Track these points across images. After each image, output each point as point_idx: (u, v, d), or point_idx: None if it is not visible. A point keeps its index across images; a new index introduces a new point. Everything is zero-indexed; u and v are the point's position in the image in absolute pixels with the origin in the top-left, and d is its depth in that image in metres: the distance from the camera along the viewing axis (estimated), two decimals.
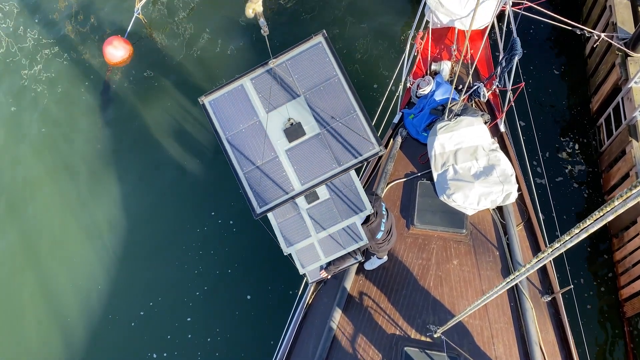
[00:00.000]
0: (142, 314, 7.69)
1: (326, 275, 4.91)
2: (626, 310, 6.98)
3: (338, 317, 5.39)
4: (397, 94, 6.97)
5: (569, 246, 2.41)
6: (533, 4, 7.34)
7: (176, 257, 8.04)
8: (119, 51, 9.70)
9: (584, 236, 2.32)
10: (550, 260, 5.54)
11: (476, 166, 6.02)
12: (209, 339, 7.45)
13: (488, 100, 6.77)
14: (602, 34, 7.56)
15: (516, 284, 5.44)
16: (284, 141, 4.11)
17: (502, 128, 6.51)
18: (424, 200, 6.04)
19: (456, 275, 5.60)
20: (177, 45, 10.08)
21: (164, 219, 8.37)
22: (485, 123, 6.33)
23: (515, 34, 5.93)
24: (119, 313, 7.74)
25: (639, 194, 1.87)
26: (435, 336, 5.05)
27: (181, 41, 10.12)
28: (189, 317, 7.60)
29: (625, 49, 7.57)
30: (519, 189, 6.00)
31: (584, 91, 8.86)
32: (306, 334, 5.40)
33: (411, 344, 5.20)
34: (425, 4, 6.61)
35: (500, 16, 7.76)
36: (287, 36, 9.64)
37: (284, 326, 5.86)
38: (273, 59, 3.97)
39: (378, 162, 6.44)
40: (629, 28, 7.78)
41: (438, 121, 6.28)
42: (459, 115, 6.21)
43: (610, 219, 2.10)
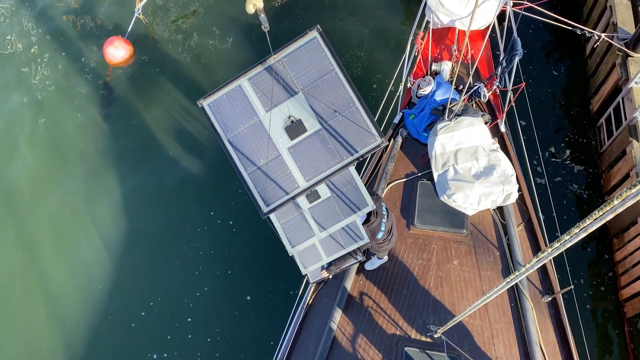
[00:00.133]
0: (143, 314, 7.69)
1: (327, 275, 4.91)
2: (626, 311, 6.97)
3: (338, 317, 5.39)
4: (397, 94, 6.97)
5: (568, 245, 2.41)
6: (533, 4, 7.34)
7: (176, 258, 8.04)
8: (119, 51, 9.72)
9: (584, 235, 2.32)
10: (550, 260, 5.59)
11: (477, 166, 6.02)
12: (209, 339, 7.45)
13: (488, 101, 6.77)
14: (603, 34, 7.56)
15: (516, 284, 5.44)
16: (285, 139, 4.11)
17: (502, 128, 6.51)
18: (424, 200, 6.04)
19: (456, 276, 5.60)
20: (178, 45, 10.09)
21: (164, 219, 8.37)
22: (486, 123, 6.33)
23: (515, 34, 5.93)
24: (119, 313, 7.75)
25: (638, 193, 1.87)
26: (436, 336, 5.05)
27: (181, 41, 10.13)
28: (189, 318, 7.61)
29: (625, 49, 7.57)
30: (519, 189, 6.00)
31: (584, 91, 8.86)
32: (306, 334, 5.40)
33: (411, 344, 5.20)
34: (425, 4, 6.62)
35: (501, 16, 7.77)
36: (286, 34, 9.63)
37: (283, 326, 5.86)
38: (274, 54, 3.96)
39: (378, 162, 6.44)
40: (629, 28, 7.78)
41: (438, 121, 6.28)
42: (459, 115, 6.21)
43: (609, 218, 2.10)
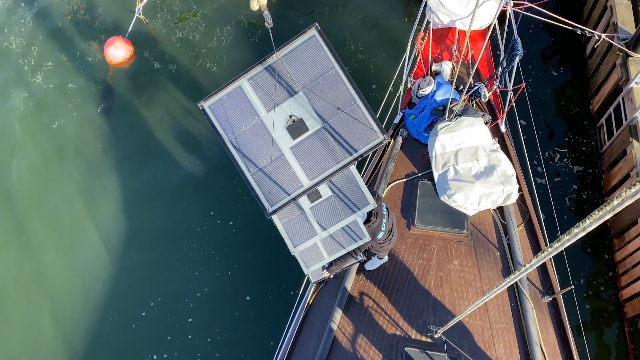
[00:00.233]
0: (143, 314, 7.69)
1: (328, 275, 4.92)
2: (627, 311, 6.97)
3: (338, 318, 5.39)
4: (397, 94, 6.97)
5: (567, 245, 2.41)
6: (534, 4, 7.33)
7: (176, 258, 8.04)
8: (120, 51, 9.73)
9: (583, 235, 2.32)
10: (551, 260, 5.59)
11: (477, 166, 6.02)
12: (209, 339, 7.45)
13: (489, 101, 6.77)
14: (603, 35, 7.56)
15: (517, 285, 5.44)
16: (287, 138, 4.10)
17: (502, 128, 6.50)
18: (424, 200, 6.04)
19: (457, 276, 5.60)
20: (178, 45, 10.09)
21: (164, 219, 8.37)
22: (486, 123, 6.33)
23: (516, 34, 5.93)
24: (119, 314, 7.74)
25: (637, 192, 1.87)
26: (436, 336, 5.05)
27: (182, 41, 10.14)
28: (189, 318, 7.60)
29: (626, 50, 7.56)
30: (519, 190, 6.00)
31: (585, 92, 8.86)
32: (307, 334, 5.40)
33: (412, 344, 5.20)
34: (426, 4, 6.62)
35: (501, 17, 7.76)
36: (286, 34, 9.63)
37: (284, 327, 5.86)
38: (276, 52, 3.95)
39: (379, 163, 6.44)
40: (629, 28, 7.77)
41: (439, 121, 6.28)
42: (459, 115, 6.21)
43: (608, 217, 2.10)
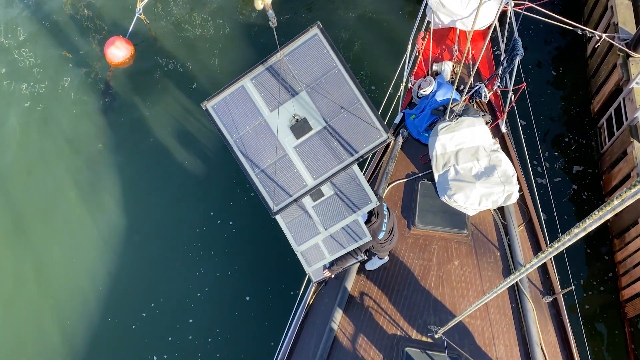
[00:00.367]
0: (144, 315, 7.69)
1: (329, 274, 4.92)
2: (627, 311, 6.97)
3: (339, 318, 5.39)
4: (398, 94, 6.97)
5: (568, 245, 2.41)
6: (534, 4, 7.33)
7: (177, 258, 8.04)
8: (120, 51, 9.73)
9: (583, 235, 2.32)
10: (551, 261, 5.58)
11: (477, 167, 6.02)
12: (209, 339, 7.44)
13: (489, 101, 6.77)
14: (604, 35, 7.56)
15: (517, 285, 5.43)
16: (291, 138, 4.11)
17: (503, 129, 6.50)
18: (425, 200, 6.04)
19: (457, 276, 5.60)
20: (179, 45, 10.09)
21: (164, 219, 8.37)
22: (487, 124, 6.33)
23: (516, 34, 5.93)
24: (119, 315, 7.73)
25: (637, 192, 1.87)
26: (436, 337, 5.05)
27: (183, 40, 10.14)
28: (190, 319, 7.60)
29: (626, 50, 7.56)
30: (520, 190, 6.00)
31: (585, 92, 8.85)
32: (307, 334, 5.40)
33: (412, 344, 5.20)
34: (426, 4, 6.62)
35: (502, 17, 7.76)
36: (286, 33, 9.65)
37: (284, 327, 5.85)
38: (280, 50, 3.94)
39: (379, 163, 6.44)
40: (630, 28, 7.77)
41: (439, 122, 6.28)
42: (460, 115, 6.21)
43: (608, 217, 2.10)
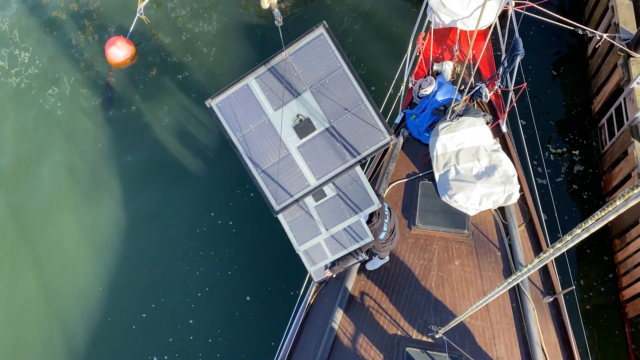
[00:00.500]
0: (144, 315, 7.68)
1: (331, 274, 4.91)
2: (628, 311, 6.96)
3: (339, 318, 5.38)
4: (399, 94, 6.97)
5: (570, 246, 2.41)
6: (535, 4, 7.33)
7: (177, 258, 8.04)
8: (121, 51, 9.72)
9: (585, 236, 2.32)
10: (552, 261, 5.58)
11: (478, 167, 6.01)
12: (210, 340, 7.44)
13: (490, 101, 6.77)
14: (604, 35, 7.55)
15: (518, 285, 5.43)
16: (294, 138, 4.10)
17: (504, 128, 6.50)
18: (425, 200, 6.03)
19: (458, 276, 5.59)
20: (180, 45, 10.09)
21: (164, 219, 8.37)
22: (487, 124, 6.32)
23: (517, 34, 5.92)
24: (119, 315, 7.72)
25: None
26: (437, 337, 5.04)
27: (184, 41, 10.13)
28: (190, 319, 7.59)
29: (627, 50, 7.56)
30: (520, 190, 6.00)
31: (586, 92, 8.85)
32: (308, 334, 5.40)
33: (412, 344, 5.20)
34: (427, 4, 6.62)
35: (502, 16, 7.76)
36: (286, 33, 9.65)
37: (284, 327, 5.85)
38: (285, 49, 3.93)
39: (380, 163, 6.44)
40: (631, 28, 7.77)
41: (440, 122, 6.28)
42: (460, 115, 6.21)
43: (611, 218, 2.10)
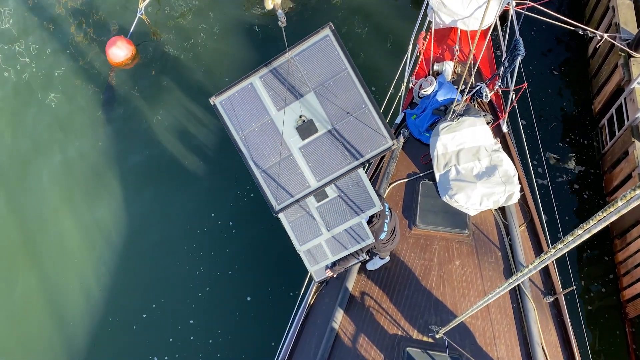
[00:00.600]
0: (145, 316, 7.68)
1: (331, 274, 4.91)
2: (628, 312, 6.96)
3: (340, 318, 5.38)
4: (399, 94, 6.97)
5: (571, 247, 2.40)
6: (536, 4, 7.33)
7: (177, 258, 8.04)
8: (122, 51, 9.72)
9: (587, 237, 2.32)
10: (552, 261, 5.57)
11: (478, 167, 6.01)
12: (210, 340, 7.44)
13: (490, 101, 6.77)
14: (605, 35, 7.55)
15: (518, 285, 5.43)
16: (297, 139, 4.10)
17: (504, 128, 6.50)
18: (426, 200, 6.03)
19: (458, 276, 5.59)
20: (181, 46, 10.09)
21: (164, 219, 8.37)
22: (488, 124, 6.32)
23: (518, 34, 5.92)
24: (120, 315, 7.72)
25: None
26: (437, 337, 5.04)
27: (184, 41, 10.13)
28: (191, 319, 7.59)
29: (628, 50, 7.55)
30: (521, 190, 5.99)
31: (586, 92, 8.84)
32: (308, 334, 5.40)
33: (413, 344, 5.19)
34: (427, 4, 6.62)
35: (503, 16, 7.76)
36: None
37: (284, 327, 5.85)
38: (288, 50, 3.91)
39: (380, 162, 6.44)
40: (631, 28, 7.76)
41: (440, 121, 6.28)
42: (461, 115, 6.21)
43: (613, 219, 2.09)
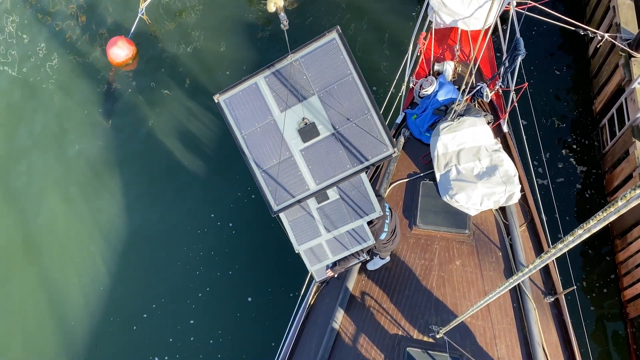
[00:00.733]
0: (145, 316, 7.68)
1: (332, 274, 4.92)
2: (629, 312, 6.96)
3: (340, 318, 5.38)
4: (400, 94, 6.97)
5: (571, 246, 2.40)
6: (537, 4, 7.32)
7: (177, 258, 8.04)
8: (122, 51, 9.73)
9: (587, 236, 2.32)
10: (553, 261, 5.57)
11: (479, 167, 6.01)
12: (211, 340, 7.44)
13: (491, 101, 6.76)
14: (606, 35, 7.55)
15: (519, 285, 5.43)
16: (298, 141, 4.10)
17: (505, 128, 6.50)
18: (426, 200, 6.03)
19: (459, 276, 5.59)
20: (181, 46, 10.09)
21: (164, 220, 8.38)
22: (489, 123, 6.32)
23: (518, 34, 5.92)
24: (120, 315, 7.73)
25: None
26: (438, 337, 5.04)
27: (185, 41, 10.14)
28: (191, 320, 7.59)
29: (628, 50, 7.55)
30: (521, 190, 5.99)
31: (587, 92, 8.84)
32: (308, 334, 5.40)
33: (413, 344, 5.19)
34: (428, 4, 6.62)
35: (503, 16, 7.75)
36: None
37: (285, 327, 5.85)
38: (292, 53, 3.90)
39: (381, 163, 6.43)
40: (632, 28, 7.76)
41: (441, 121, 6.27)
42: (461, 115, 6.21)
43: (613, 219, 2.09)
